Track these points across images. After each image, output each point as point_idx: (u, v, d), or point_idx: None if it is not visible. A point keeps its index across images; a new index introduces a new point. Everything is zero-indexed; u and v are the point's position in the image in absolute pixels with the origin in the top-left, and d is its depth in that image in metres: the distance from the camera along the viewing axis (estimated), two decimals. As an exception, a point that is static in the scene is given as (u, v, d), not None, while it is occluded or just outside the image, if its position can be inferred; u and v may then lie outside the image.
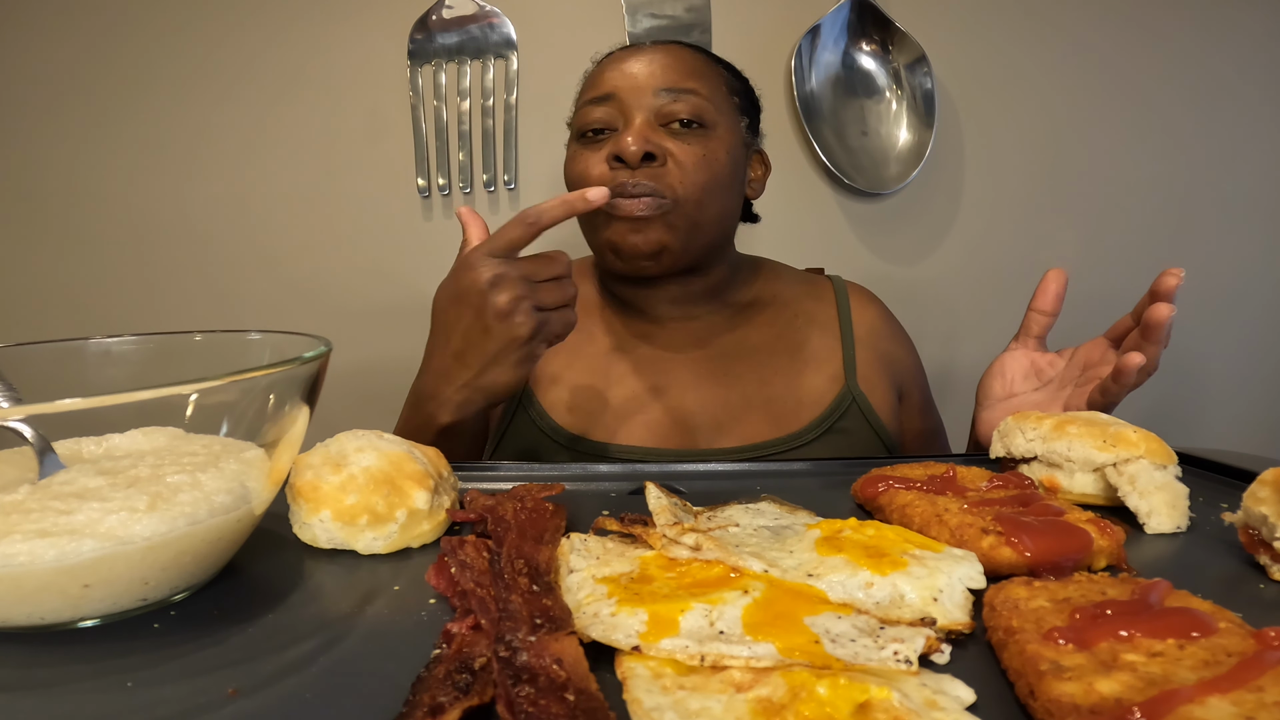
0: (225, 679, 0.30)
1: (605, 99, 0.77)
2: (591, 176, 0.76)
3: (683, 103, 0.76)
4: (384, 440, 0.47)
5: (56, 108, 1.26)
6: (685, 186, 0.75)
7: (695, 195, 0.76)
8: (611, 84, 0.77)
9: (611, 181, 0.74)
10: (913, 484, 0.49)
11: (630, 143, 0.73)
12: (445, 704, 0.26)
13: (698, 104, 0.76)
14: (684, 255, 0.78)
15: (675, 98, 0.76)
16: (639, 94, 0.76)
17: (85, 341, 0.47)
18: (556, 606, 0.34)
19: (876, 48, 1.27)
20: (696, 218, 0.77)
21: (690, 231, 0.77)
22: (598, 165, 0.76)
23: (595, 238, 0.80)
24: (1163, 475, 0.48)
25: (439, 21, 1.23)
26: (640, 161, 0.73)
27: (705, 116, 0.77)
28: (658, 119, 0.76)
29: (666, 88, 0.76)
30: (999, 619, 0.32)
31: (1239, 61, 1.32)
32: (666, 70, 0.77)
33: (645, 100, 0.76)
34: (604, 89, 0.78)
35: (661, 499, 0.44)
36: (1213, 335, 1.36)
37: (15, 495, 0.34)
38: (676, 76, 0.77)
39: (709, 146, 0.77)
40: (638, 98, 0.76)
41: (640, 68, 0.77)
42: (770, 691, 0.27)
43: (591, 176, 0.76)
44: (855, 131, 1.27)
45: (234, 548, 0.39)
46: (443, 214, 1.28)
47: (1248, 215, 1.35)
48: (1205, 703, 0.24)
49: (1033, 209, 1.33)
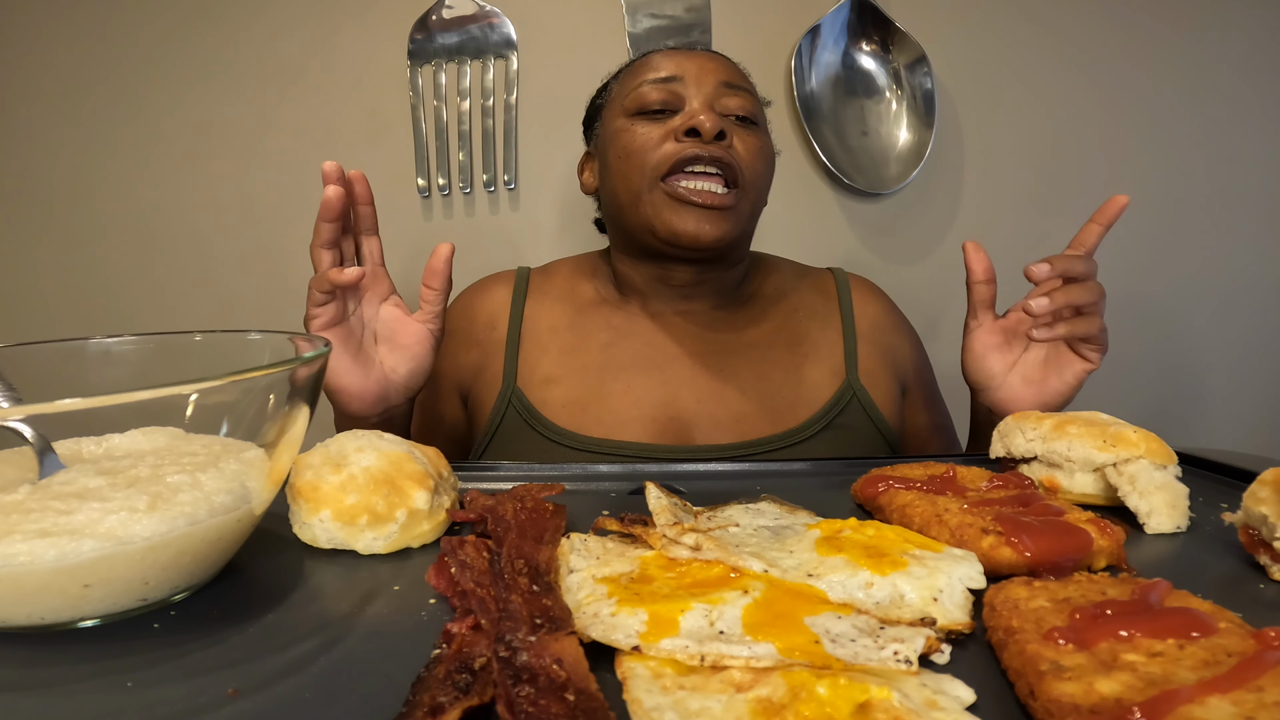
0: (225, 679, 0.30)
1: (669, 80, 0.78)
2: (656, 149, 0.76)
3: (740, 98, 0.79)
4: (384, 440, 0.47)
5: (57, 108, 1.26)
6: (750, 172, 0.77)
7: (757, 182, 0.79)
8: (675, 68, 0.79)
9: (679, 153, 0.75)
10: (913, 484, 0.49)
11: (705, 119, 0.74)
12: (445, 704, 0.26)
13: (752, 103, 0.80)
14: (735, 242, 0.80)
15: (735, 93, 0.79)
16: (702, 82, 0.78)
17: (85, 341, 0.47)
18: (556, 606, 0.34)
19: (876, 48, 1.27)
20: (756, 206, 0.80)
21: (749, 218, 0.80)
22: (664, 139, 0.76)
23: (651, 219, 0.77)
24: (1163, 475, 0.48)
25: (439, 21, 1.23)
26: (713, 139, 0.74)
27: (757, 116, 0.81)
28: (718, 109, 0.78)
29: (727, 82, 0.79)
30: (999, 619, 0.32)
31: (1239, 61, 1.32)
32: (725, 68, 0.81)
33: (707, 89, 0.78)
34: (667, 71, 0.79)
35: (661, 499, 0.44)
36: (1213, 335, 1.36)
37: (15, 495, 0.34)
38: (735, 75, 0.81)
39: (763, 141, 0.80)
40: (700, 86, 0.78)
41: (701, 61, 0.80)
42: (770, 691, 0.27)
43: (656, 149, 0.76)
44: (855, 131, 1.27)
45: (234, 548, 0.39)
46: (443, 214, 1.28)
47: (1248, 215, 1.35)
48: (1205, 703, 0.24)
49: (1032, 209, 1.32)
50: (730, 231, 0.77)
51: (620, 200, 0.80)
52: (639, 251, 0.82)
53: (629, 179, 0.78)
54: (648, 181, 0.76)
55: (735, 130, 0.77)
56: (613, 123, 0.81)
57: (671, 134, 0.76)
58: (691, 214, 0.75)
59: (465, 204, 1.28)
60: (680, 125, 0.75)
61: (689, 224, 0.75)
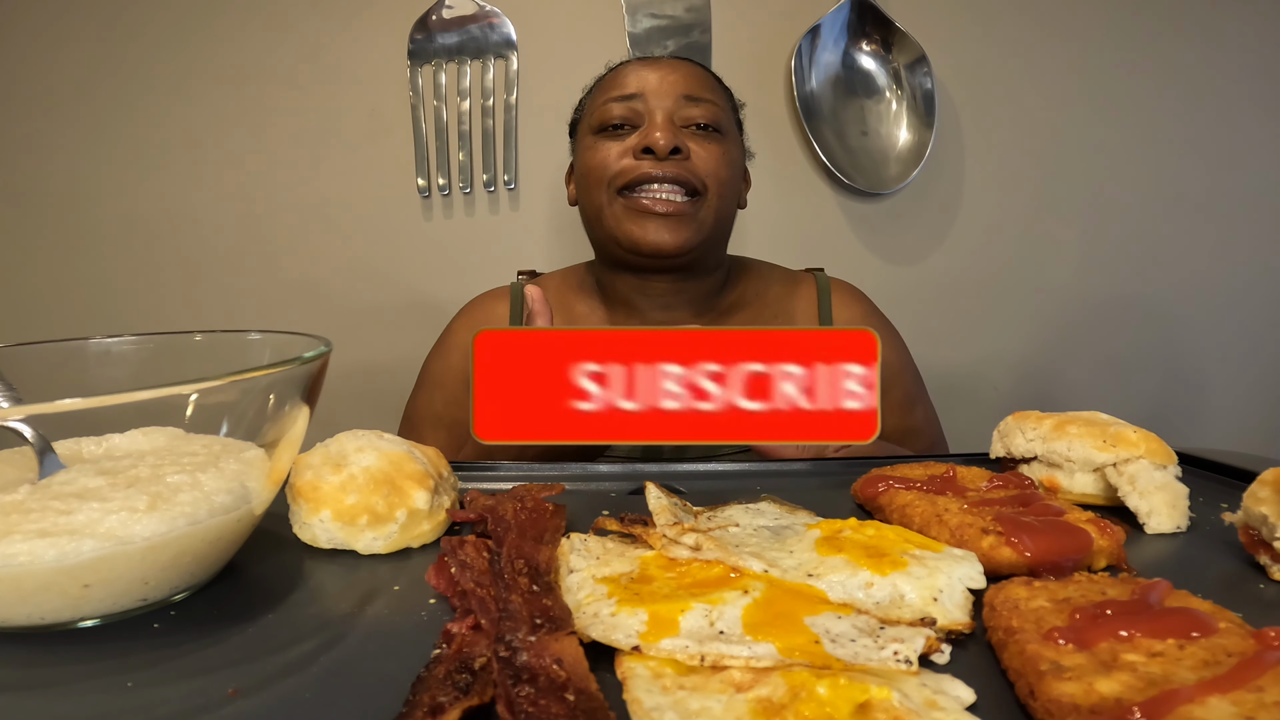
0: (225, 679, 0.30)
1: (630, 97, 0.80)
2: (614, 165, 0.79)
3: (702, 108, 0.80)
4: (384, 440, 0.47)
5: (57, 108, 1.26)
6: (710, 179, 0.79)
7: (719, 189, 0.80)
8: (636, 84, 0.81)
9: (634, 171, 0.77)
10: (913, 484, 0.49)
11: (660, 136, 0.77)
12: (445, 704, 0.26)
13: (715, 112, 0.81)
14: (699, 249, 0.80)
15: (695, 104, 0.80)
16: (662, 96, 0.80)
17: (85, 341, 0.47)
18: (556, 606, 0.34)
19: (876, 48, 1.27)
20: (719, 212, 0.81)
21: (714, 226, 0.80)
22: (621, 156, 0.79)
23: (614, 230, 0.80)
24: (1163, 475, 0.48)
25: (439, 21, 1.23)
26: (668, 155, 0.77)
27: (721, 124, 0.82)
28: (678, 121, 0.80)
29: (687, 94, 0.80)
30: (999, 619, 0.32)
31: (1238, 62, 1.32)
32: (688, 79, 0.82)
33: (667, 103, 0.80)
34: (628, 88, 0.81)
35: (661, 499, 0.44)
36: (1213, 335, 1.36)
37: (15, 495, 0.34)
38: (697, 86, 0.82)
39: (726, 148, 0.81)
40: (660, 99, 0.80)
41: (663, 73, 0.82)
42: (770, 691, 0.27)
43: (614, 165, 0.79)
44: (855, 131, 1.27)
45: (234, 548, 0.39)
46: (443, 214, 1.28)
47: (1248, 215, 1.35)
48: (1205, 703, 0.24)
49: (1033, 209, 1.32)
50: (691, 239, 0.78)
51: (588, 214, 0.84)
52: (614, 263, 0.85)
53: (591, 194, 0.81)
54: (608, 195, 0.80)
55: (694, 140, 0.79)
56: (582, 139, 0.84)
57: (630, 151, 0.79)
58: (651, 222, 0.78)
59: (465, 204, 1.28)
60: (636, 144, 0.78)
61: (649, 233, 0.77)
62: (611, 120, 0.80)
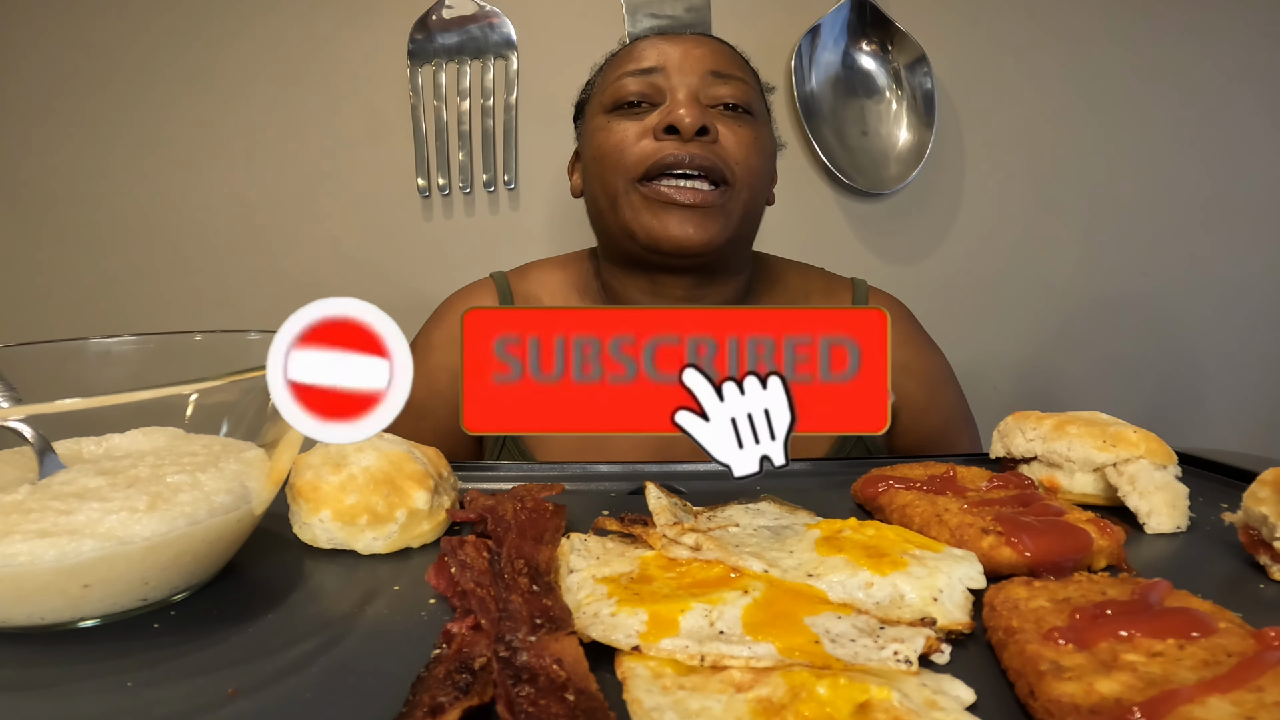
0: (225, 679, 0.30)
1: (649, 71, 0.71)
2: (632, 148, 0.69)
3: (731, 87, 0.72)
4: (384, 440, 0.47)
5: (57, 108, 1.26)
6: (740, 167, 0.70)
7: (749, 179, 0.71)
8: (655, 58, 0.72)
9: (657, 154, 0.68)
10: (913, 484, 0.49)
11: (685, 114, 0.67)
12: (445, 704, 0.26)
13: (746, 91, 0.72)
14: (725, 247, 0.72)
15: (724, 81, 0.71)
16: (685, 72, 0.71)
17: (85, 341, 0.47)
18: (556, 606, 0.33)
19: (876, 48, 1.27)
20: (751, 205, 0.72)
21: (741, 221, 0.71)
22: (641, 137, 0.69)
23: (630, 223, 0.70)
24: (1163, 475, 0.48)
25: (439, 21, 1.23)
26: (694, 135, 0.67)
27: (752, 105, 0.73)
28: (705, 100, 0.71)
29: (714, 70, 0.71)
30: (999, 619, 0.32)
31: (1239, 61, 1.32)
32: (715, 54, 0.73)
33: (692, 79, 0.71)
34: (647, 61, 0.72)
35: (661, 499, 0.44)
36: (1213, 335, 1.36)
37: (15, 495, 0.34)
38: (725, 62, 0.73)
39: (758, 133, 0.72)
40: (684, 75, 0.71)
41: (686, 47, 0.72)
42: (770, 691, 0.27)
43: (632, 148, 0.69)
44: (855, 131, 1.27)
45: (234, 548, 0.39)
46: (443, 214, 1.28)
47: (1248, 214, 1.35)
48: (1205, 703, 0.24)
49: (1033, 209, 1.32)
50: (719, 234, 0.69)
51: (599, 204, 0.74)
52: (625, 261, 0.75)
53: (605, 181, 0.72)
54: (624, 183, 0.70)
55: (723, 122, 0.70)
56: (592, 120, 0.75)
57: (650, 131, 0.69)
58: (674, 215, 0.68)
59: (465, 204, 1.28)
60: (658, 123, 0.68)
61: (670, 227, 0.68)
62: (627, 96, 0.71)
